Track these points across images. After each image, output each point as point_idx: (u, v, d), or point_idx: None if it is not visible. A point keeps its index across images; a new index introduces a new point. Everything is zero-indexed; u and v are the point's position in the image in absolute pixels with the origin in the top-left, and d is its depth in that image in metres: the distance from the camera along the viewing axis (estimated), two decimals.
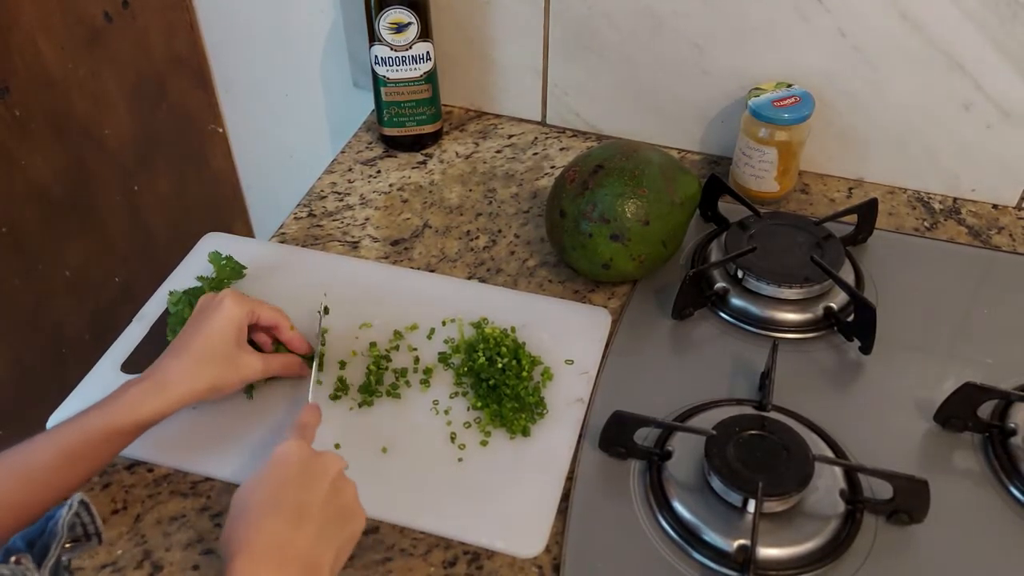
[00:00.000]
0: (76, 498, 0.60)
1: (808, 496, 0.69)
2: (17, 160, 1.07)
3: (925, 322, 0.86)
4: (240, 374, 0.72)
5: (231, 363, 0.71)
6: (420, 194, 1.03)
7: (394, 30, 0.99)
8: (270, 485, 0.59)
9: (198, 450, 0.75)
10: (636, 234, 0.83)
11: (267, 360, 0.75)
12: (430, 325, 0.85)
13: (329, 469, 0.61)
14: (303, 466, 0.60)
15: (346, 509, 0.61)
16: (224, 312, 0.72)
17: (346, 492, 0.61)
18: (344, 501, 0.61)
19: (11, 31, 1.01)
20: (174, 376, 0.68)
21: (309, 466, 0.60)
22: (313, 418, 0.69)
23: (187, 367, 0.69)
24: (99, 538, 0.61)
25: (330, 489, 0.60)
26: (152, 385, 0.68)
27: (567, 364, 0.81)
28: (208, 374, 0.70)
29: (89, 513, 0.60)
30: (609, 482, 0.72)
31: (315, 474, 0.60)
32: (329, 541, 0.58)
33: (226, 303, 0.72)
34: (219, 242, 0.95)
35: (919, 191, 1.02)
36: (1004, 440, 0.74)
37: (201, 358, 0.70)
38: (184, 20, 1.24)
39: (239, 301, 0.73)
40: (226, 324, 0.71)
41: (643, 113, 1.07)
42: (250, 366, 0.73)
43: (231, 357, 0.71)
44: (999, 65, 0.90)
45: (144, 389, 0.67)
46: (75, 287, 1.21)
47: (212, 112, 1.35)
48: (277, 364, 0.77)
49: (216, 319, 0.71)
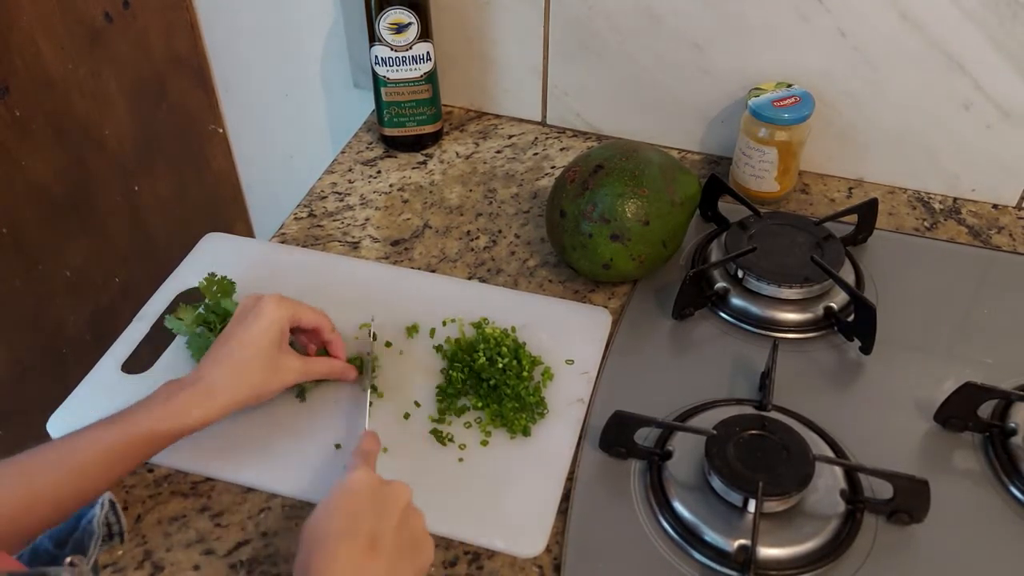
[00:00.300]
0: (106, 497, 0.60)
1: (808, 496, 0.69)
2: (17, 160, 1.07)
3: (925, 322, 0.86)
4: (282, 378, 0.72)
5: (273, 369, 0.71)
6: (420, 194, 1.03)
7: (394, 30, 0.99)
8: (343, 514, 0.58)
9: (200, 450, 0.74)
10: (636, 234, 0.83)
11: (308, 363, 0.75)
12: (430, 325, 0.85)
13: (400, 498, 0.61)
14: (374, 495, 0.60)
15: (417, 538, 0.61)
16: (266, 316, 0.71)
17: (417, 521, 0.61)
18: (415, 530, 0.61)
19: (11, 31, 1.01)
20: (220, 384, 0.68)
21: (380, 495, 0.60)
22: (374, 445, 0.69)
23: (232, 375, 0.69)
24: (122, 537, 0.62)
25: (402, 517, 0.59)
26: (199, 393, 0.67)
27: (567, 364, 0.81)
28: (251, 381, 0.70)
29: (115, 512, 0.60)
30: (609, 482, 0.72)
31: (387, 503, 0.60)
32: (402, 570, 0.58)
33: (268, 307, 0.72)
34: (219, 242, 0.96)
35: (919, 191, 1.02)
36: (1004, 440, 0.74)
37: (246, 366, 0.70)
38: (184, 20, 1.24)
39: (280, 304, 0.73)
40: (268, 329, 0.71)
41: (643, 113, 1.07)
42: (292, 369, 0.73)
43: (273, 362, 0.71)
44: (999, 65, 0.90)
45: (192, 396, 0.67)
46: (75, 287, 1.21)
47: (212, 112, 1.35)
48: (319, 367, 0.76)
49: (258, 324, 0.71)
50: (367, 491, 0.60)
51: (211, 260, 0.93)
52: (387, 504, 0.60)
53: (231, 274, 0.90)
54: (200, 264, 0.92)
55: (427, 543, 0.61)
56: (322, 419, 0.77)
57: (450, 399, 0.78)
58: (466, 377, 0.79)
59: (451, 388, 0.78)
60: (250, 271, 0.91)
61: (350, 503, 0.59)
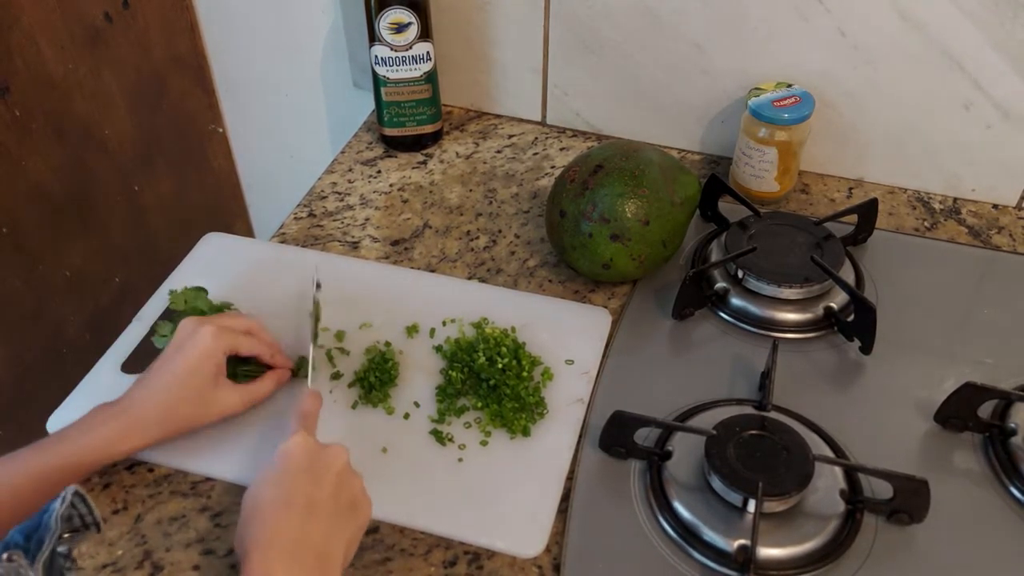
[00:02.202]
0: (69, 490, 0.60)
1: (808, 496, 0.69)
2: (17, 160, 1.07)
3: (925, 322, 0.86)
4: (216, 412, 0.72)
5: (204, 402, 0.71)
6: (420, 194, 1.03)
7: (394, 30, 0.99)
8: (279, 481, 0.60)
9: (200, 450, 0.74)
10: (636, 234, 0.83)
11: (245, 393, 0.74)
12: (430, 325, 0.85)
13: (336, 461, 0.62)
14: (310, 460, 0.61)
15: (354, 500, 0.62)
16: (202, 350, 0.70)
17: (353, 483, 0.62)
18: (352, 492, 0.62)
19: (11, 31, 1.01)
20: (150, 418, 0.68)
21: (316, 460, 0.61)
22: (314, 406, 0.69)
23: (163, 409, 0.69)
24: (97, 527, 0.62)
25: (338, 481, 0.61)
26: (128, 424, 0.68)
27: (567, 364, 0.81)
28: (180, 414, 0.70)
29: (85, 503, 0.60)
30: (609, 482, 0.72)
31: (323, 467, 0.61)
32: (340, 532, 0.59)
33: (204, 339, 0.71)
34: (219, 242, 0.95)
35: (919, 191, 1.02)
36: (1004, 440, 0.74)
37: (178, 400, 0.69)
38: (184, 20, 1.24)
39: (217, 337, 0.71)
40: (203, 362, 0.70)
41: (643, 113, 1.07)
42: (227, 403, 0.72)
43: (207, 396, 0.71)
44: (999, 65, 0.90)
45: (120, 429, 0.67)
46: (75, 287, 1.21)
47: (212, 112, 1.35)
48: (258, 395, 0.75)
49: (194, 357, 0.70)
50: (303, 457, 0.61)
51: (211, 260, 0.93)
52: (323, 468, 0.61)
53: (230, 274, 0.90)
54: (200, 264, 0.92)
55: (365, 504, 0.63)
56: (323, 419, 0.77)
57: (450, 399, 0.78)
58: (466, 377, 0.79)
59: (451, 388, 0.78)
60: (250, 271, 0.91)
61: (286, 470, 0.60)
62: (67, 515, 0.60)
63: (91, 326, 1.25)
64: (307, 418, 0.67)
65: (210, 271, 0.90)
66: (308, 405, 0.68)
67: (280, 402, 0.78)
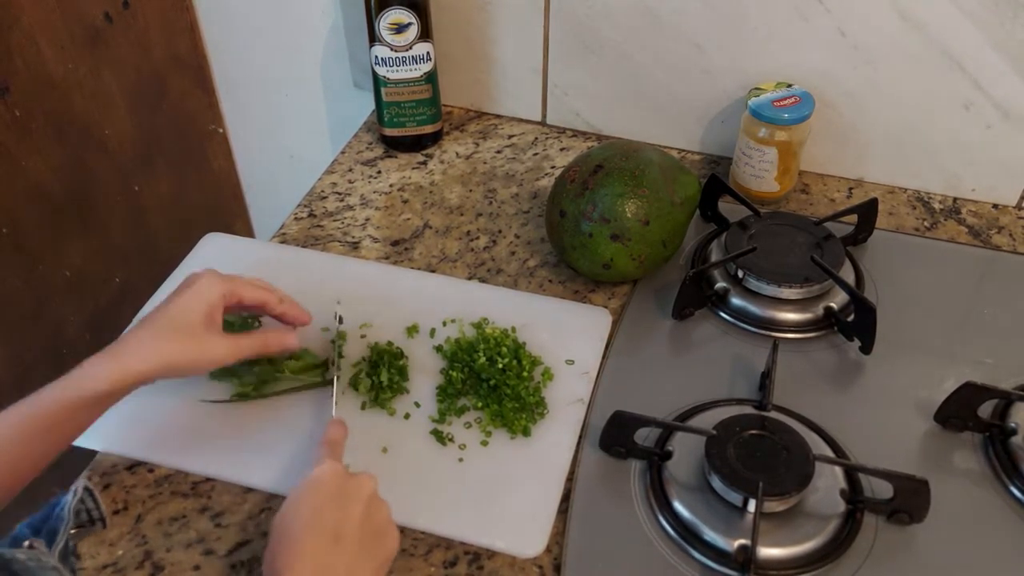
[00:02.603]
0: (80, 484, 0.61)
1: (808, 496, 0.69)
2: (17, 160, 1.07)
3: (925, 322, 0.86)
4: (203, 356, 0.69)
5: (193, 343, 0.68)
6: (420, 194, 1.03)
7: (394, 30, 0.99)
8: (308, 508, 0.59)
9: (200, 450, 0.75)
10: (636, 234, 0.83)
11: (238, 342, 0.71)
12: (431, 325, 0.85)
13: (364, 490, 0.61)
14: (339, 488, 0.61)
15: (381, 529, 0.61)
16: (196, 291, 0.69)
17: (381, 512, 0.62)
18: (379, 521, 0.62)
19: (11, 31, 1.01)
20: (130, 348, 0.66)
21: (344, 488, 0.61)
22: (340, 434, 0.69)
23: (145, 341, 0.67)
24: (103, 523, 0.62)
25: (365, 510, 0.60)
26: (107, 357, 0.66)
27: (567, 364, 0.81)
28: (165, 350, 0.67)
29: (93, 499, 0.60)
30: (609, 482, 0.72)
31: (351, 496, 0.61)
32: (367, 561, 0.59)
33: (201, 282, 0.70)
34: (219, 242, 0.96)
35: (919, 191, 1.02)
36: (1004, 440, 0.74)
37: (160, 333, 0.67)
38: (184, 20, 1.24)
39: (214, 282, 0.70)
40: (195, 303, 0.69)
41: (643, 113, 1.07)
42: (216, 349, 0.69)
43: (194, 337, 0.68)
44: (999, 65, 0.90)
45: (99, 360, 0.65)
46: (75, 287, 1.21)
47: (212, 112, 1.35)
48: (251, 345, 0.72)
49: (186, 297, 0.69)
50: (332, 484, 0.61)
51: (211, 260, 0.93)
52: (351, 497, 0.60)
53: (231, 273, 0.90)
54: (200, 264, 0.92)
55: (391, 533, 0.62)
56: (323, 419, 0.77)
57: (450, 399, 0.78)
58: (466, 377, 0.79)
59: (451, 388, 0.78)
60: (250, 271, 0.90)
61: (315, 497, 0.60)
62: (77, 509, 0.60)
63: (91, 326, 1.25)
64: (334, 446, 0.67)
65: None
66: (334, 433, 0.68)
67: (281, 404, 0.78)
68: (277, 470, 0.73)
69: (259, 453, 0.74)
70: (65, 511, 0.58)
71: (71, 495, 0.58)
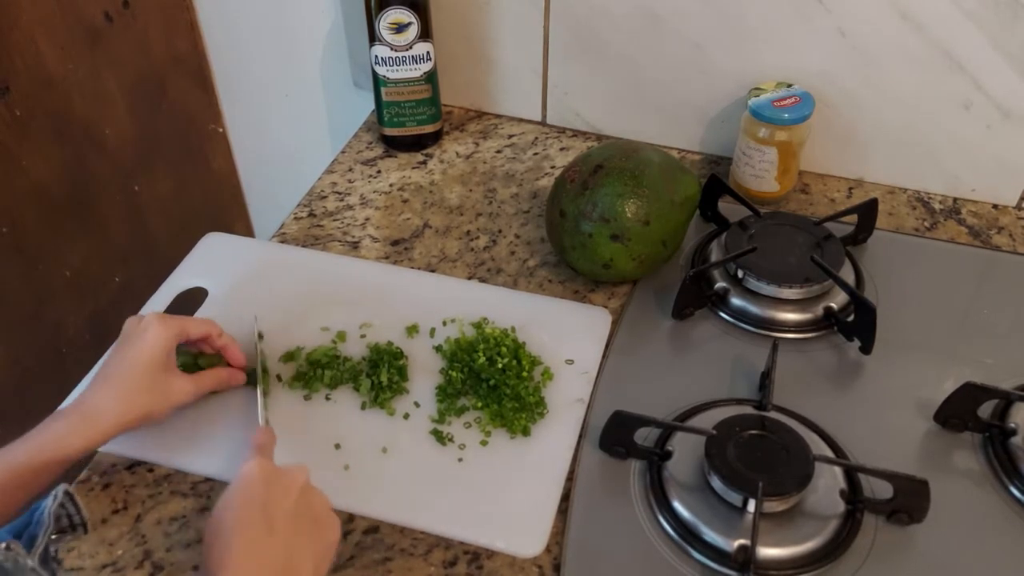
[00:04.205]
0: (60, 488, 0.60)
1: (808, 496, 0.69)
2: (17, 160, 1.07)
3: (925, 322, 0.86)
4: (170, 400, 0.71)
5: (160, 391, 0.70)
6: (420, 194, 1.03)
7: (394, 30, 0.99)
8: (238, 503, 0.58)
9: (199, 450, 0.75)
10: (636, 234, 0.83)
11: (198, 381, 0.74)
12: (430, 325, 0.85)
13: (295, 480, 0.60)
14: (267, 480, 0.60)
15: (319, 517, 0.60)
16: (150, 337, 0.70)
17: (316, 501, 0.61)
18: (315, 510, 0.61)
19: (11, 31, 1.01)
20: (102, 408, 0.67)
21: (274, 480, 0.60)
22: (268, 439, 0.67)
23: (114, 399, 0.68)
24: (84, 528, 0.61)
25: (299, 499, 0.59)
26: (80, 419, 0.66)
27: (567, 364, 0.81)
28: (138, 404, 0.68)
29: (74, 503, 0.60)
30: (609, 482, 0.72)
31: (281, 487, 0.60)
32: (304, 549, 0.58)
33: (151, 328, 0.70)
34: (219, 242, 0.95)
35: (919, 191, 1.02)
36: (1004, 440, 0.74)
37: (129, 389, 0.68)
38: (184, 20, 1.24)
39: (165, 324, 0.71)
40: (153, 350, 0.70)
41: (643, 113, 1.07)
42: (180, 391, 0.72)
43: (160, 384, 0.70)
44: (999, 65, 0.90)
45: (72, 423, 0.66)
46: (75, 287, 1.21)
47: (212, 112, 1.35)
48: (210, 382, 0.75)
49: (141, 345, 0.70)
50: (260, 478, 0.60)
51: (211, 260, 0.93)
52: (282, 488, 0.59)
53: (230, 274, 0.90)
54: (200, 264, 0.92)
55: (330, 522, 0.61)
56: (323, 419, 0.77)
57: (450, 399, 0.78)
58: (466, 377, 0.79)
59: (451, 388, 0.78)
60: (250, 271, 0.91)
61: (244, 492, 0.59)
62: (57, 514, 0.60)
63: (91, 326, 1.25)
64: (262, 448, 0.66)
65: (210, 271, 0.91)
66: (262, 438, 0.67)
67: (282, 406, 0.78)
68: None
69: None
70: (45, 515, 0.57)
71: (51, 499, 0.58)
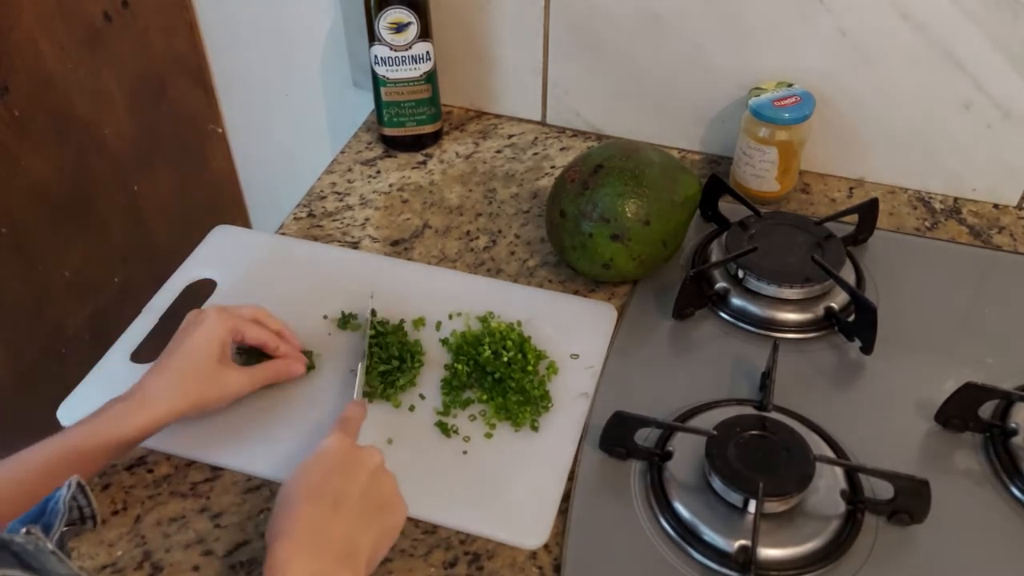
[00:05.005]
0: (73, 480, 0.60)
1: (809, 496, 0.69)
2: (17, 160, 1.07)
3: (926, 322, 0.86)
4: (225, 391, 0.72)
5: (214, 381, 0.71)
6: (420, 194, 1.03)
7: (394, 30, 0.99)
8: (311, 476, 0.61)
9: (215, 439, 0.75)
10: (636, 234, 0.83)
11: (253, 374, 0.75)
12: (436, 319, 0.85)
13: (369, 461, 0.63)
14: (343, 457, 0.62)
15: (385, 500, 0.63)
16: (206, 329, 0.72)
17: (386, 483, 0.63)
18: (383, 492, 0.63)
19: (11, 31, 1.01)
20: (156, 394, 0.69)
21: (349, 458, 0.62)
22: (357, 413, 0.70)
23: (169, 385, 0.69)
24: (94, 521, 0.62)
25: (369, 480, 0.61)
26: (135, 403, 0.68)
27: (572, 358, 0.81)
28: (191, 391, 0.70)
29: (85, 495, 0.60)
30: (610, 482, 0.72)
31: (355, 465, 0.62)
32: (367, 529, 0.60)
33: (209, 320, 0.72)
34: (228, 235, 0.96)
35: (920, 191, 1.02)
36: (1005, 440, 0.74)
37: (183, 376, 0.70)
38: (184, 20, 1.24)
39: (222, 318, 0.73)
40: (208, 341, 0.71)
41: (643, 113, 1.07)
42: (235, 383, 0.73)
43: (214, 375, 0.71)
44: (999, 65, 0.90)
45: (127, 407, 0.67)
46: (75, 287, 1.21)
47: (212, 112, 1.35)
48: (264, 375, 0.76)
49: (198, 336, 0.71)
50: (337, 455, 0.62)
51: (220, 253, 0.93)
52: (355, 466, 0.62)
53: (239, 266, 0.90)
54: (209, 256, 0.93)
55: (397, 506, 0.63)
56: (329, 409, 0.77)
57: (455, 392, 0.78)
58: (471, 370, 0.79)
59: (456, 381, 0.79)
60: (258, 264, 0.91)
61: (319, 466, 0.61)
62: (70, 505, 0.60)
63: (91, 326, 1.25)
64: (348, 423, 0.69)
65: (219, 263, 0.91)
66: (351, 411, 0.70)
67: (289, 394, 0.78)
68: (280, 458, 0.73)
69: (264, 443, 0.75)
70: (60, 504, 0.58)
71: (65, 488, 0.58)
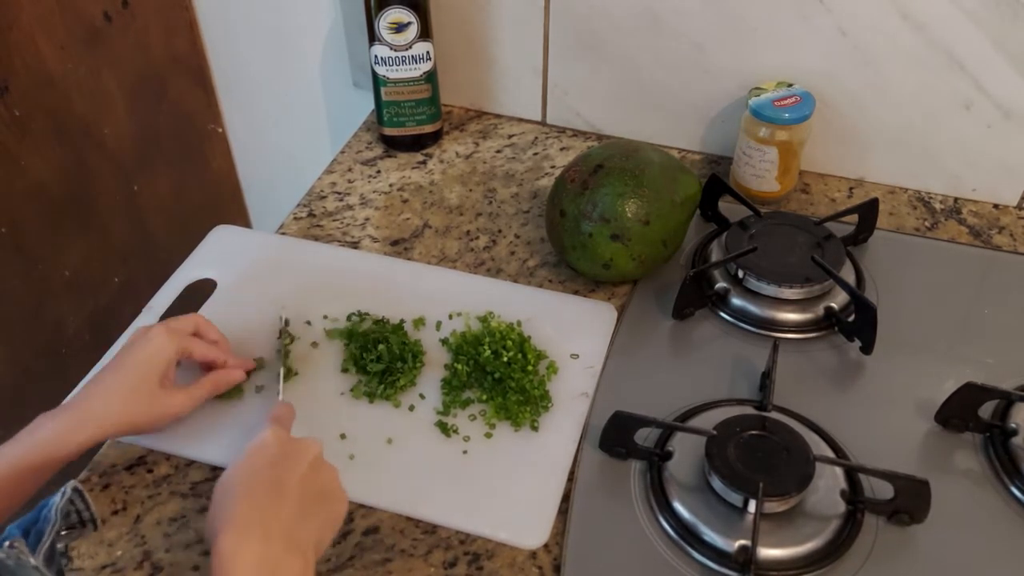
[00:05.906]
0: (69, 485, 0.60)
1: (809, 496, 0.69)
2: (17, 160, 1.07)
3: (926, 322, 0.86)
4: (164, 413, 0.71)
5: (152, 403, 0.69)
6: (420, 194, 1.03)
7: (394, 30, 0.99)
8: (249, 467, 0.59)
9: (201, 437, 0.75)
10: (636, 234, 0.83)
11: (191, 393, 0.73)
12: (436, 318, 0.85)
13: (307, 451, 0.61)
14: (282, 447, 0.61)
15: (327, 489, 0.61)
16: (154, 348, 0.70)
17: (325, 473, 0.62)
18: (324, 481, 0.61)
19: (11, 31, 1.01)
20: (102, 411, 0.67)
21: (287, 448, 0.61)
22: (286, 412, 0.69)
23: (107, 403, 0.67)
24: (94, 524, 0.61)
25: (309, 469, 0.60)
26: (70, 421, 0.66)
27: (572, 358, 0.81)
28: (129, 412, 0.68)
29: (83, 500, 0.60)
30: (609, 482, 0.72)
31: (293, 455, 0.61)
32: (310, 519, 0.58)
33: (158, 339, 0.70)
34: (228, 234, 0.96)
35: (920, 191, 1.02)
36: (1005, 440, 0.74)
37: (122, 396, 0.68)
38: (184, 20, 1.24)
39: (170, 339, 0.71)
40: (151, 362, 0.69)
41: (643, 113, 1.07)
42: (173, 406, 0.71)
43: (153, 396, 0.69)
44: (999, 65, 0.90)
45: (61, 424, 0.65)
46: (75, 287, 1.21)
47: (212, 112, 1.35)
48: (202, 392, 0.74)
49: (142, 353, 0.70)
50: (275, 445, 0.61)
51: (220, 252, 0.93)
52: (293, 456, 0.60)
53: (239, 266, 0.90)
54: (209, 256, 0.93)
55: (338, 496, 0.62)
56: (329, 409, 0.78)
57: (455, 392, 0.78)
58: (471, 370, 0.79)
59: (456, 381, 0.79)
60: (258, 263, 0.91)
61: (257, 458, 0.60)
62: (66, 511, 0.60)
63: (91, 326, 1.25)
64: (281, 419, 0.68)
65: (219, 263, 0.91)
66: (281, 411, 0.69)
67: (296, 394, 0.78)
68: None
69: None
70: (52, 512, 0.57)
71: (59, 496, 0.58)
